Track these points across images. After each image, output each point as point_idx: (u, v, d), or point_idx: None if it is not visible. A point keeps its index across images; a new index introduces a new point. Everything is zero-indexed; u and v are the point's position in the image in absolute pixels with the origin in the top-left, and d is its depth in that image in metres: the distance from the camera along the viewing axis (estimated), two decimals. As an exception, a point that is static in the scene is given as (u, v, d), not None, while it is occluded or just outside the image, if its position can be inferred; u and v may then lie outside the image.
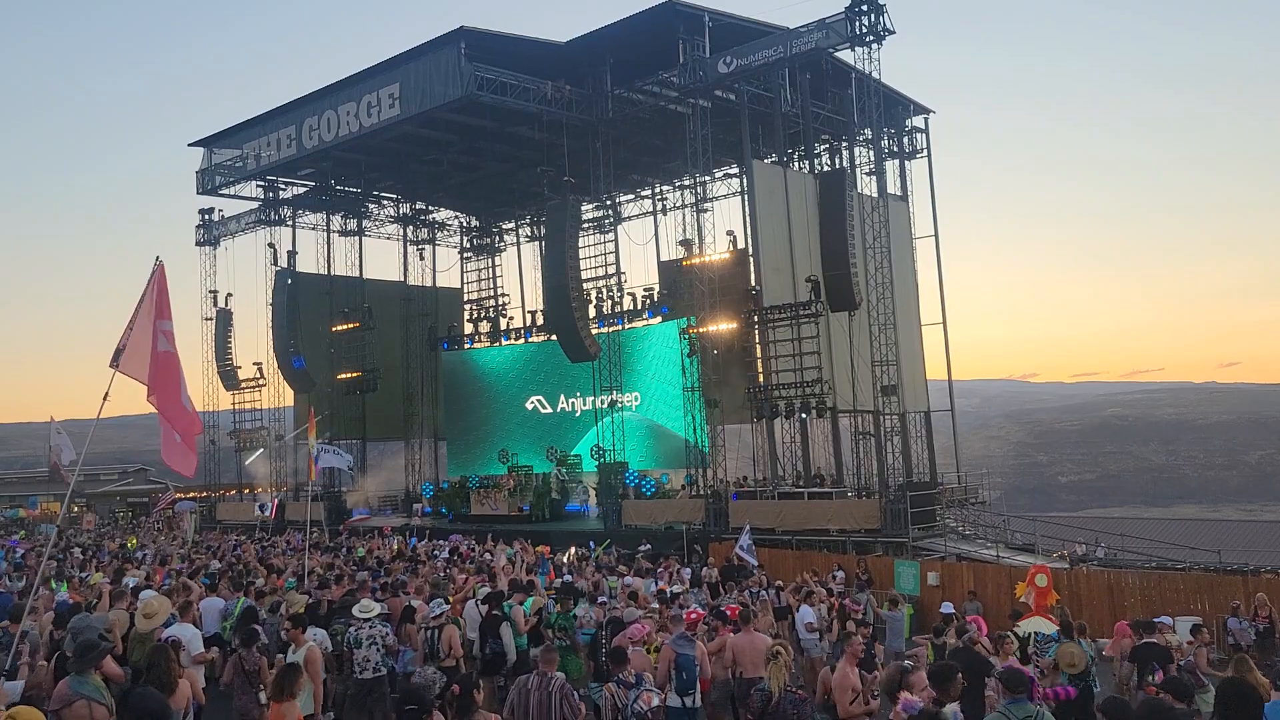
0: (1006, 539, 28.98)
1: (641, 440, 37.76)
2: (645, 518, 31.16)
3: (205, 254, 45.88)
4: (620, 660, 8.81)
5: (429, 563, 20.91)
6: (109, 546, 30.68)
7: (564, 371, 40.20)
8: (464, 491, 38.20)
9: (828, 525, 27.05)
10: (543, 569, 21.22)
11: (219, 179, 42.26)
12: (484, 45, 31.79)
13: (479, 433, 44.65)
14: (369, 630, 11.04)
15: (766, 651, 8.74)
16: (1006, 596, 20.09)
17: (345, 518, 39.17)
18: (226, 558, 23.83)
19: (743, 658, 10.62)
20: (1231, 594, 18.20)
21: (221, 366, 44.84)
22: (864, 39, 26.92)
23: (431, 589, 14.68)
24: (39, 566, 14.29)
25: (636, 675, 8.59)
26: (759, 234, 30.21)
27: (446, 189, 45.07)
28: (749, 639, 10.81)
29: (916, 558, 24.06)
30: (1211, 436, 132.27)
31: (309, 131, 36.68)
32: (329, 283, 44.32)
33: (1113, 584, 20.60)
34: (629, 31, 31.03)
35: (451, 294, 48.71)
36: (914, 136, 36.21)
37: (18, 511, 57.84)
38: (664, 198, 42.98)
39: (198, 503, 45.00)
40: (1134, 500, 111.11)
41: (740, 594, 17.11)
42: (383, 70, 34.38)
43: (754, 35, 30.01)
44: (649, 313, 38.37)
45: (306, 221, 45.14)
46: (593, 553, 24.71)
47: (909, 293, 33.79)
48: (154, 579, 17.41)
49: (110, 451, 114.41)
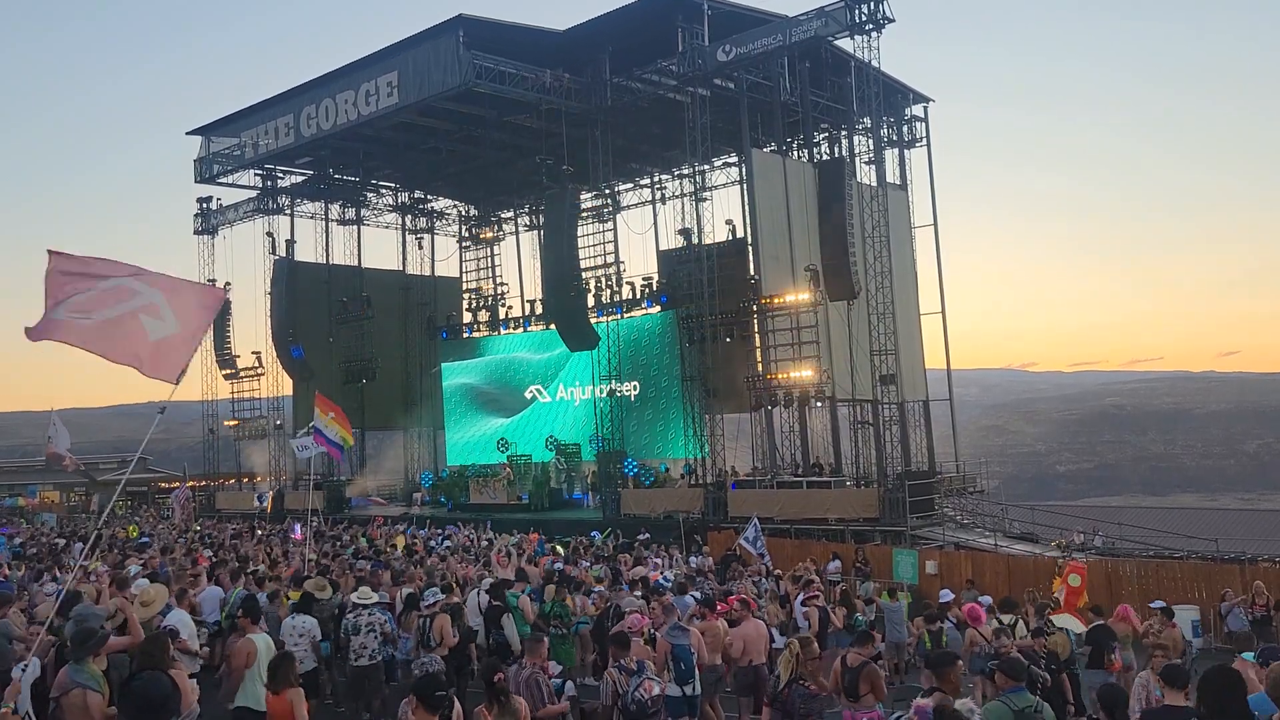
0: (1005, 528, 29.07)
1: (640, 429, 37.78)
2: (644, 507, 31.20)
3: (203, 243, 45.80)
4: (623, 645, 8.82)
5: (430, 556, 20.89)
6: (111, 534, 30.65)
7: (563, 360, 40.23)
8: (463, 480, 38.24)
9: (826, 514, 27.09)
10: (539, 553, 21.29)
11: (217, 168, 42.15)
12: (482, 33, 31.68)
13: (478, 422, 44.67)
14: (367, 618, 11.06)
15: (790, 647, 8.72)
16: (1004, 585, 20.17)
17: (345, 507, 39.23)
18: (225, 546, 23.83)
19: (749, 646, 10.90)
20: (1230, 582, 18.27)
21: (220, 355, 44.80)
22: (863, 27, 26.83)
23: (427, 577, 14.76)
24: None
25: (639, 662, 8.60)
26: (758, 223, 30.16)
27: (445, 178, 44.98)
28: (753, 627, 11.09)
29: (915, 546, 24.13)
30: (1210, 425, 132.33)
31: (307, 120, 36.56)
32: (327, 272, 44.30)
33: (1110, 573, 20.68)
34: (628, 20, 30.92)
35: (450, 283, 48.62)
36: (913, 125, 36.09)
37: (17, 500, 57.83)
38: (663, 186, 42.88)
39: (195, 491, 45.09)
40: (1132, 489, 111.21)
41: (742, 582, 17.16)
42: (381, 58, 34.27)
43: (753, 23, 29.91)
44: (648, 302, 38.34)
45: (305, 210, 45.11)
46: (595, 541, 24.73)
47: (908, 282, 33.76)
48: (150, 566, 17.40)
49: (109, 440, 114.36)
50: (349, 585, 14.17)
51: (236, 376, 44.63)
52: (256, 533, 28.81)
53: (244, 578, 14.39)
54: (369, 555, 20.56)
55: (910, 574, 22.49)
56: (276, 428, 44.15)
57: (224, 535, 28.35)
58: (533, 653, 8.71)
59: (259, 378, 44.32)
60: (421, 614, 11.57)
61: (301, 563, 17.92)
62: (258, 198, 44.06)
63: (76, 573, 12.07)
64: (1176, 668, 6.92)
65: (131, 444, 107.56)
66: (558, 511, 35.18)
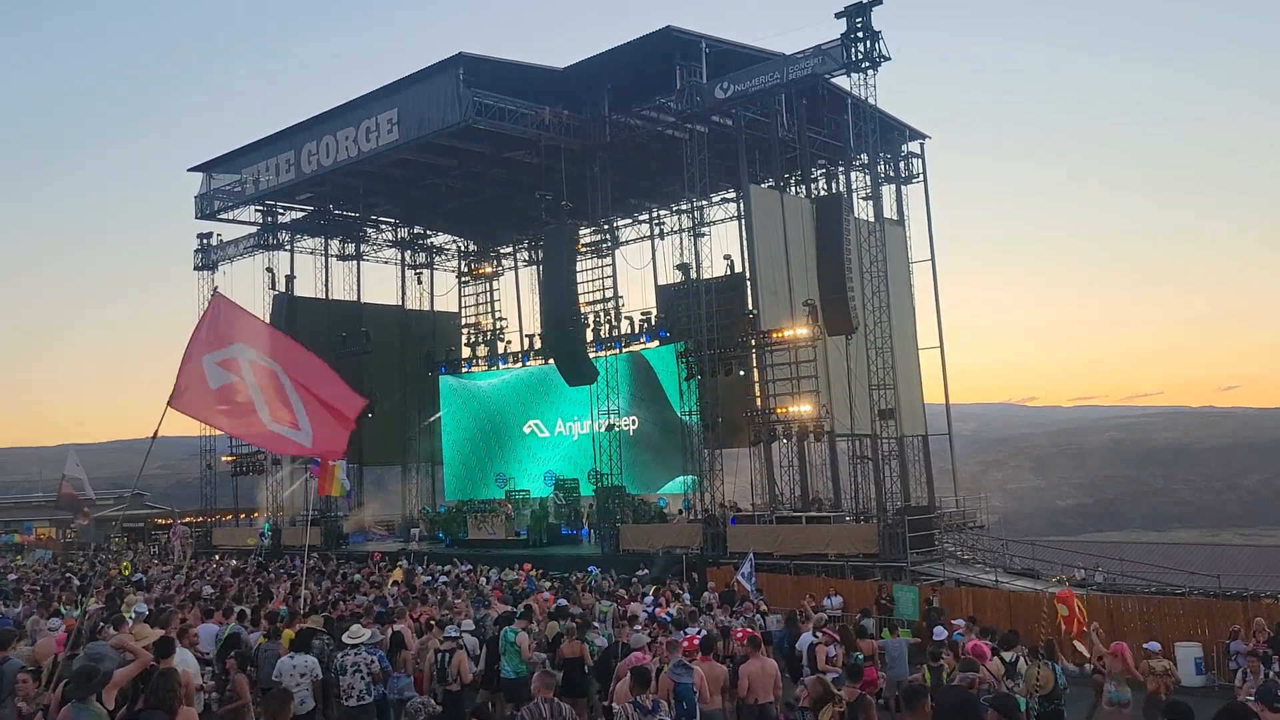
0: (1005, 563, 28.92)
1: (639, 464, 37.69)
2: (643, 542, 31.04)
3: (203, 278, 45.88)
4: (644, 683, 8.75)
5: (426, 591, 20.75)
6: (107, 572, 30.47)
7: (562, 395, 40.19)
8: (461, 516, 38.08)
9: (826, 550, 26.96)
10: (530, 588, 21.16)
11: (218, 204, 42.35)
12: (482, 71, 31.97)
13: (476, 457, 44.55)
14: (354, 657, 10.92)
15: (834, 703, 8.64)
16: (1006, 621, 20.01)
17: (342, 543, 39.01)
18: (220, 582, 23.68)
19: (755, 684, 10.84)
20: (1232, 620, 18.15)
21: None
22: (859, 65, 27.09)
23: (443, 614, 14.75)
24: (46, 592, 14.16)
25: (654, 701, 8.55)
26: (756, 258, 30.30)
27: (444, 213, 45.19)
28: (759, 665, 11.03)
29: (915, 583, 23.98)
30: (1209, 460, 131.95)
31: (308, 156, 36.80)
32: (327, 307, 44.36)
33: (1112, 609, 20.52)
34: (627, 57, 31.23)
35: (449, 318, 48.67)
36: (910, 162, 36.35)
37: (13, 537, 57.52)
38: (661, 222, 43.11)
39: (192, 528, 44.88)
40: (1132, 524, 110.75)
41: (734, 618, 17.05)
42: (382, 96, 34.55)
43: (750, 61, 30.21)
44: (646, 336, 38.39)
45: (305, 245, 45.22)
46: (594, 576, 24.61)
47: (906, 317, 33.86)
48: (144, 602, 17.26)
49: (107, 476, 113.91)
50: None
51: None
52: (265, 572, 28.44)
53: (235, 614, 14.33)
54: (367, 592, 20.42)
55: (911, 610, 22.30)
56: (274, 463, 43.98)
57: (224, 571, 28.17)
58: (546, 688, 8.64)
59: (257, 413, 44.16)
60: (440, 648, 11.52)
61: (295, 599, 17.77)
62: (258, 233, 44.20)
63: (91, 612, 11.98)
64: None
65: (130, 479, 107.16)
66: (556, 547, 35.00)
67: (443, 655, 11.39)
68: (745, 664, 11.08)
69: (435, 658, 11.51)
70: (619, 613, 17.22)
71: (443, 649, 11.52)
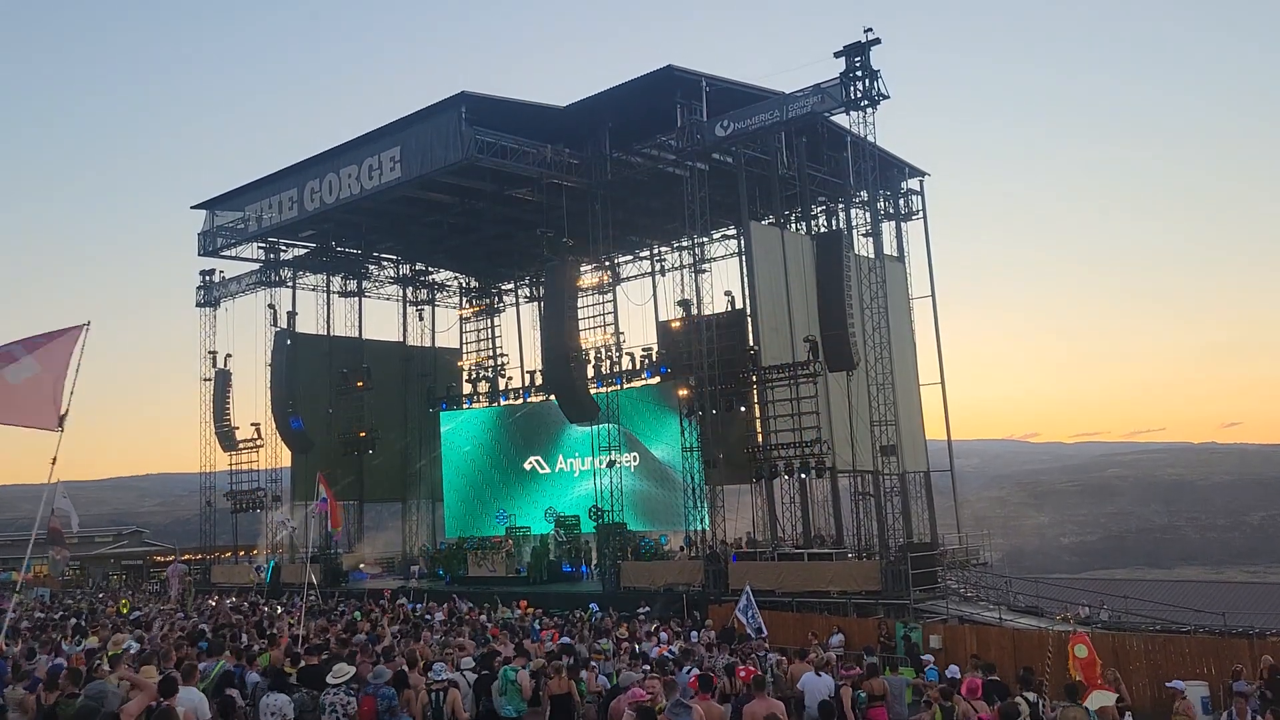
0: (1009, 601, 28.69)
1: (640, 501, 37.53)
2: (644, 579, 30.83)
3: (205, 315, 46.01)
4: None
5: (423, 629, 20.57)
6: (106, 610, 30.24)
7: (563, 432, 40.12)
8: (461, 553, 37.89)
9: (828, 587, 26.77)
10: (534, 636, 20.93)
11: (220, 241, 42.58)
12: (484, 110, 32.22)
13: (477, 494, 44.38)
14: (331, 697, 10.68)
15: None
16: (1010, 660, 19.81)
17: (341, 580, 38.78)
18: (217, 620, 23.46)
19: None
20: (1237, 658, 17.97)
21: (219, 427, 44.68)
22: (859, 103, 27.28)
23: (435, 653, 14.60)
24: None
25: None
26: (757, 294, 30.36)
27: (446, 250, 45.39)
28: (764, 706, 10.80)
29: (918, 620, 23.79)
30: (1213, 497, 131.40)
31: (310, 194, 37.02)
32: (328, 343, 44.45)
33: (1117, 647, 20.33)
34: (628, 96, 31.50)
35: (450, 354, 48.73)
36: (909, 199, 36.56)
37: (10, 574, 57.18)
38: (662, 259, 43.29)
39: (191, 565, 44.63)
40: (1136, 561, 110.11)
41: (735, 657, 16.87)
42: (384, 134, 34.81)
43: (751, 99, 30.44)
44: (648, 373, 38.38)
45: (307, 282, 45.36)
46: (592, 615, 24.40)
47: (907, 353, 33.87)
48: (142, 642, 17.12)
49: (105, 513, 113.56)
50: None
51: (235, 448, 44.38)
52: (263, 609, 28.16)
53: (227, 651, 14.16)
54: (366, 631, 20.22)
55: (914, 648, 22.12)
56: (275, 500, 43.85)
57: (221, 608, 27.92)
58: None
59: (258, 449, 44.16)
60: (432, 687, 11.38)
61: (291, 638, 17.61)
62: (260, 270, 44.36)
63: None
64: None
65: (128, 517, 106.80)
66: (556, 584, 34.78)
67: (437, 694, 11.24)
68: (749, 704, 10.88)
69: (430, 697, 11.35)
70: (629, 650, 17.08)
71: (435, 688, 11.37)
